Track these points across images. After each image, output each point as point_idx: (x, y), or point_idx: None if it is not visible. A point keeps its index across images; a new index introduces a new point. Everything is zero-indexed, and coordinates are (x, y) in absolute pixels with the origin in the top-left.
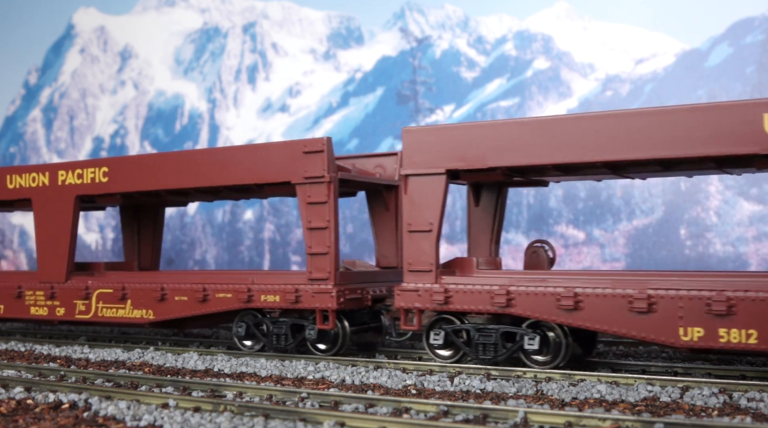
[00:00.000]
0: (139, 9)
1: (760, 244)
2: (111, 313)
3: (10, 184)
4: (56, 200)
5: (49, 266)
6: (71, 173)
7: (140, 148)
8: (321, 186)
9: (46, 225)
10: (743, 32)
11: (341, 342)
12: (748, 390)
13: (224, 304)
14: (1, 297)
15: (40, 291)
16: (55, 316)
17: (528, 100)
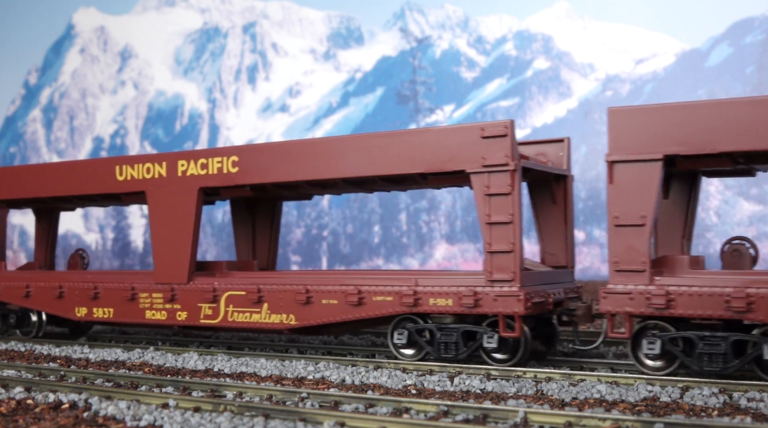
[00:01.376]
0: (139, 9)
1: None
2: (243, 318)
3: (120, 175)
4: (176, 193)
5: (168, 266)
6: (194, 163)
7: (140, 148)
8: (503, 175)
9: (164, 221)
10: (743, 32)
11: (523, 351)
12: (748, 390)
13: (383, 308)
14: (111, 299)
15: (157, 293)
16: (176, 321)
17: (528, 100)
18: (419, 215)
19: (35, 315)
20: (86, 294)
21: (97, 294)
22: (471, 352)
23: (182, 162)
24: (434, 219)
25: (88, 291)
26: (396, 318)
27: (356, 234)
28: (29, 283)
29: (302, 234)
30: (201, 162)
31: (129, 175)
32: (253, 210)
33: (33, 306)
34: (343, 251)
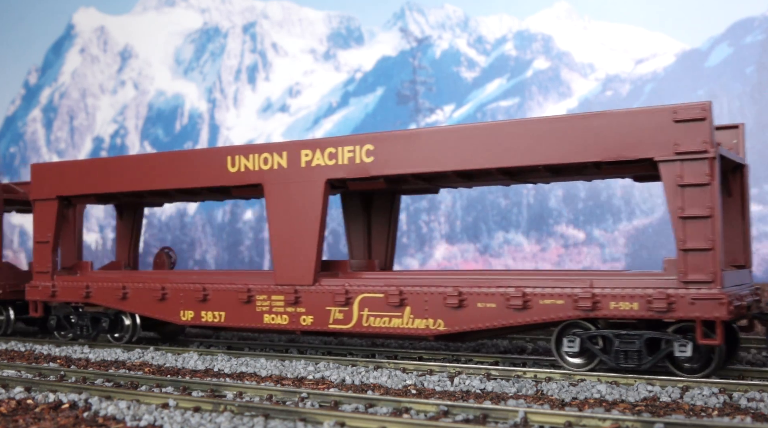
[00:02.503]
0: (139, 9)
1: (760, 244)
2: (381, 323)
3: (232, 166)
4: (299, 185)
5: (291, 266)
6: (320, 152)
7: (140, 148)
8: (701, 163)
9: (285, 217)
10: (743, 32)
11: (717, 359)
12: (748, 390)
13: (552, 313)
14: (223, 302)
15: (278, 295)
16: (299, 326)
17: (528, 100)
18: (419, 215)
19: (129, 319)
20: (193, 297)
21: (207, 296)
22: (655, 362)
23: (306, 151)
24: (434, 219)
25: (196, 293)
26: (563, 324)
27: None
28: (126, 284)
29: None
30: (329, 151)
31: (243, 166)
32: (368, 205)
33: (130, 309)
34: (343, 251)
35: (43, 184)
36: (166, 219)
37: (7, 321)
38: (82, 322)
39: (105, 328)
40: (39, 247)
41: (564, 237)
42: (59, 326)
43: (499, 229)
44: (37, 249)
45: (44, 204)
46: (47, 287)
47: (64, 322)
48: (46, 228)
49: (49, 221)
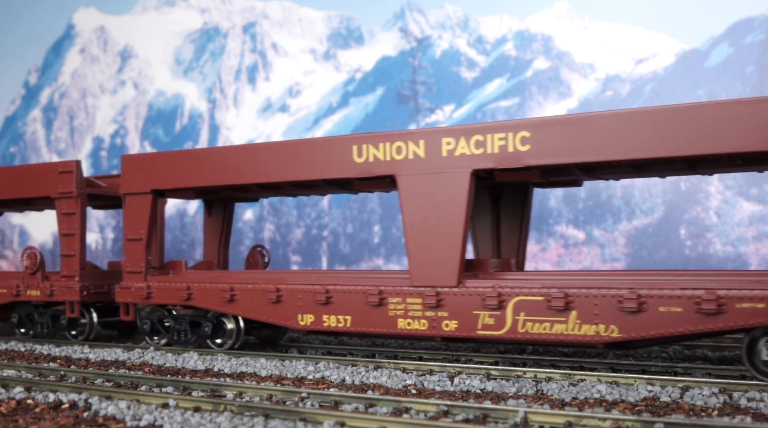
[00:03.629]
0: (139, 9)
1: (760, 244)
2: (541, 329)
3: (359, 156)
4: (440, 177)
5: (430, 266)
6: (465, 140)
7: (140, 148)
8: None
9: (423, 212)
10: (743, 32)
11: None
12: (748, 390)
13: (751, 318)
14: (349, 305)
15: (414, 298)
16: (441, 332)
17: (528, 100)
18: None
19: (231, 323)
20: (314, 299)
21: (330, 298)
22: None
23: (449, 139)
24: None
25: (318, 295)
26: (760, 331)
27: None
28: (234, 285)
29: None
30: (476, 139)
31: (371, 156)
32: (497, 198)
33: (238, 312)
34: (343, 251)
35: (135, 177)
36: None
37: (90, 325)
38: (179, 327)
39: (207, 333)
40: (130, 245)
41: (564, 237)
42: (153, 330)
43: None
44: (128, 247)
45: (136, 198)
46: (141, 288)
47: (159, 326)
48: (139, 225)
49: (141, 217)
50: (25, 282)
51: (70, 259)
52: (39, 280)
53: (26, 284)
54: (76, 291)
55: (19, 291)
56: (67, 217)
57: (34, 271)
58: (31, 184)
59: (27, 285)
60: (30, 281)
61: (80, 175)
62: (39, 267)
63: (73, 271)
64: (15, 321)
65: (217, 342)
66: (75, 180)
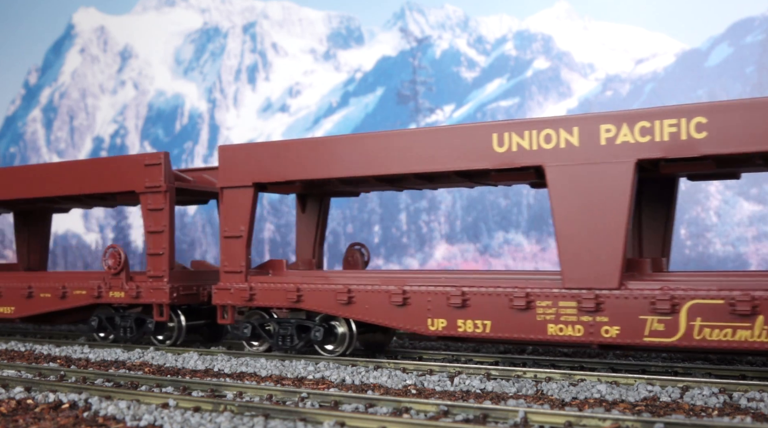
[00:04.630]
0: (139, 9)
1: (760, 244)
2: (721, 336)
3: (500, 145)
4: (598, 168)
5: (587, 265)
6: (627, 127)
7: (140, 148)
8: None
9: (578, 206)
10: (743, 32)
11: None
12: (748, 390)
13: None
14: (489, 309)
15: (567, 301)
16: (600, 338)
17: (528, 100)
18: (419, 215)
19: (343, 327)
20: (446, 302)
21: (466, 301)
22: None
23: (608, 126)
24: (434, 220)
25: (452, 297)
26: None
27: (356, 234)
28: (351, 287)
29: None
30: (641, 126)
31: (515, 145)
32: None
33: (355, 315)
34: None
35: (235, 169)
36: None
37: (178, 329)
38: (284, 331)
39: (317, 339)
40: (229, 243)
41: None
42: (254, 335)
43: (499, 229)
44: (226, 245)
45: (236, 192)
46: (243, 289)
47: (260, 331)
48: (239, 221)
49: (242, 212)
50: (107, 283)
51: (157, 258)
52: (123, 281)
53: (108, 285)
54: (165, 292)
55: (100, 293)
56: (154, 213)
57: (118, 271)
58: (113, 178)
59: (109, 286)
60: (113, 282)
61: (169, 168)
62: (123, 267)
63: (161, 272)
64: (94, 325)
65: (328, 348)
66: (163, 173)
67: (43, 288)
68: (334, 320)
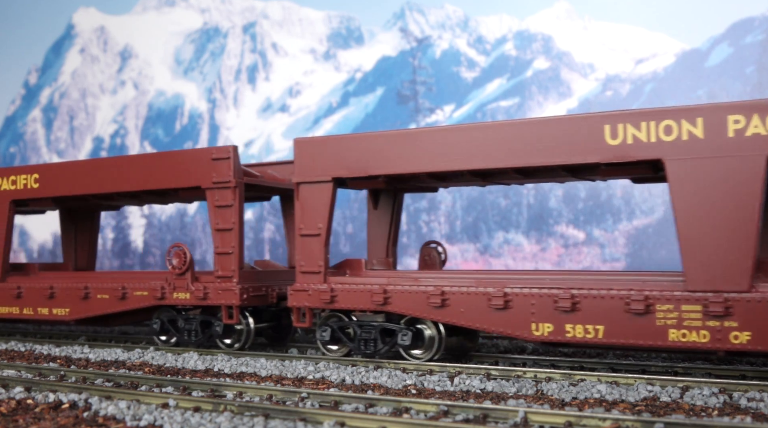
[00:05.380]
0: (139, 9)
1: None
2: None
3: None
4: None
5: (713, 266)
6: (759, 118)
7: (140, 148)
8: None
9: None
10: (743, 32)
11: None
12: (748, 390)
13: None
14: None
15: (692, 305)
16: (727, 344)
17: (528, 100)
18: (419, 215)
19: (431, 330)
20: (554, 305)
21: (576, 304)
22: None
23: (737, 117)
24: (434, 219)
25: (561, 300)
26: None
27: (356, 234)
28: (445, 289)
29: None
30: None
31: (630, 137)
32: None
33: (449, 319)
34: (343, 251)
35: (312, 163)
36: (166, 219)
37: (247, 332)
38: (367, 335)
39: (405, 343)
40: (306, 242)
41: (564, 237)
42: (334, 339)
43: (499, 229)
44: (302, 243)
45: (313, 187)
46: (322, 291)
47: (339, 335)
48: (317, 218)
49: (320, 208)
50: (171, 284)
51: (226, 258)
52: (188, 281)
53: (172, 285)
54: (235, 293)
55: (163, 294)
56: (222, 210)
57: (183, 271)
58: (176, 173)
59: (173, 287)
60: (177, 282)
61: (237, 162)
62: (188, 267)
63: (230, 272)
64: (156, 328)
65: (414, 353)
66: (233, 167)
67: (101, 289)
68: (419, 323)
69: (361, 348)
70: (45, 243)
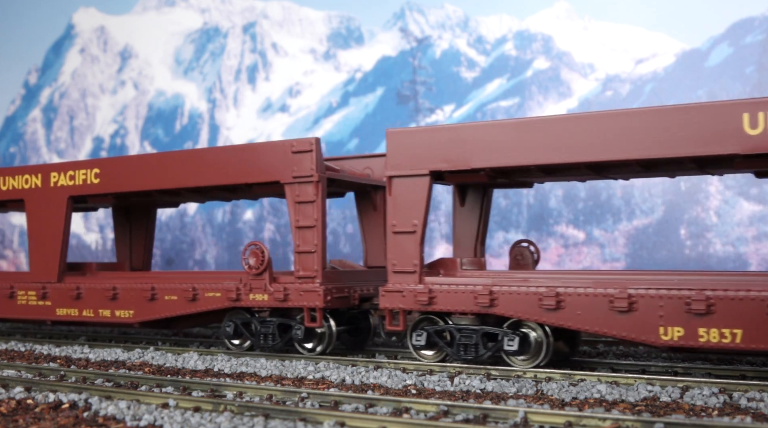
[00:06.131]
0: (139, 9)
1: (760, 244)
2: None
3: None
4: None
5: None
6: None
7: (140, 148)
8: None
9: None
10: (743, 32)
11: None
12: (748, 390)
13: None
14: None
15: None
16: None
17: (528, 100)
18: None
19: (538, 334)
20: (685, 307)
21: (711, 307)
22: None
23: None
24: (434, 219)
25: (694, 302)
26: None
27: (356, 234)
28: (558, 290)
29: None
30: None
31: None
32: None
33: (565, 323)
34: (343, 251)
35: (407, 156)
36: (166, 219)
37: (329, 336)
38: (468, 340)
39: (512, 349)
40: (399, 239)
41: (564, 237)
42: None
43: (499, 229)
44: (395, 241)
45: (408, 181)
46: (419, 292)
47: (436, 339)
48: (412, 214)
49: (415, 204)
50: (247, 285)
51: (308, 257)
52: (266, 282)
53: (249, 286)
54: (319, 295)
55: (239, 295)
56: (303, 206)
57: (261, 271)
58: (251, 167)
59: (250, 288)
60: (254, 283)
61: (320, 155)
62: (267, 267)
63: (313, 272)
64: (230, 331)
65: (521, 359)
66: (315, 161)
67: (169, 290)
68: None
69: (461, 353)
70: None
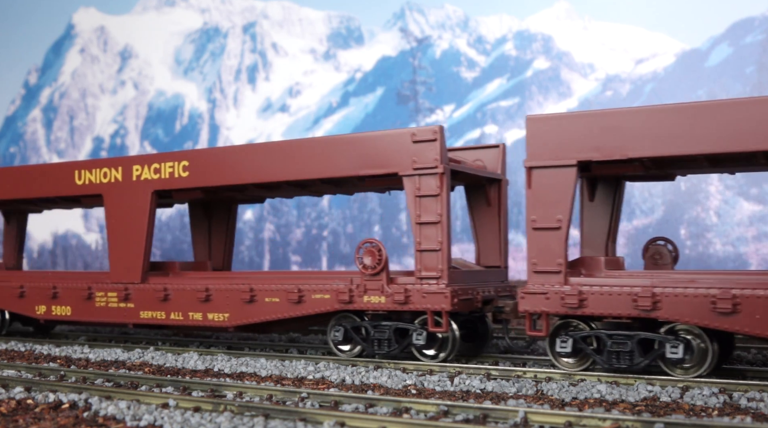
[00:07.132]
0: (139, 9)
1: (760, 244)
2: None
3: None
4: None
5: None
6: None
7: (140, 148)
8: None
9: None
10: (743, 32)
11: None
12: (748, 390)
13: None
14: None
15: None
16: None
17: (528, 100)
18: None
19: (701, 340)
20: None
21: None
22: None
23: None
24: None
25: None
26: None
27: (356, 234)
28: (734, 292)
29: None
30: None
31: None
32: None
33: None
34: (343, 251)
35: (550, 144)
36: (167, 219)
37: (452, 341)
38: (621, 347)
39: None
40: (540, 236)
41: None
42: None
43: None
44: (536, 238)
45: (551, 172)
46: (566, 294)
47: (582, 346)
48: (556, 208)
49: (560, 197)
50: (361, 286)
51: (431, 255)
52: (384, 283)
53: (363, 288)
54: (446, 297)
55: (351, 297)
56: (426, 200)
57: (377, 272)
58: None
59: (364, 290)
60: (369, 284)
61: (444, 145)
62: (384, 267)
63: (437, 271)
64: (339, 336)
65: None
66: (439, 151)
67: (270, 292)
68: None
69: (613, 361)
70: (45, 244)
